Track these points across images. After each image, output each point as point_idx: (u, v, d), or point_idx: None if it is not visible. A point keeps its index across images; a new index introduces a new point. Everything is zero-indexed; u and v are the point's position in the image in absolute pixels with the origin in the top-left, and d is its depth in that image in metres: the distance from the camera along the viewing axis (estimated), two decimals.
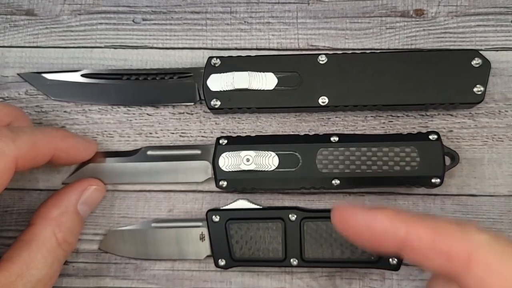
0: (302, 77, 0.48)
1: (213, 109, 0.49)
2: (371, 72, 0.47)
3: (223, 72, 0.48)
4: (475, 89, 0.47)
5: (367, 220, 0.32)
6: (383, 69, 0.47)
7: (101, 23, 0.53)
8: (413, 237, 0.30)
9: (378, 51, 0.50)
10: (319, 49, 0.51)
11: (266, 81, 0.48)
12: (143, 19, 0.52)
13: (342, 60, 0.48)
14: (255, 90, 0.48)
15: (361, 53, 0.49)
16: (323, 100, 0.48)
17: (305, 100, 0.48)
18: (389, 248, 0.32)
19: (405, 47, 0.51)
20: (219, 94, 0.48)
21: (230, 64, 0.49)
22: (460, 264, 0.28)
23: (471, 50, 0.47)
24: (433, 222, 0.31)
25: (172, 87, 0.50)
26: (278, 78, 0.48)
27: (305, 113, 0.50)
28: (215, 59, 0.49)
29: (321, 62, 0.48)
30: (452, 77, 0.47)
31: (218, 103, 0.48)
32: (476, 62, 0.47)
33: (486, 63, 0.47)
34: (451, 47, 0.50)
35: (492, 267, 0.28)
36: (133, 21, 0.53)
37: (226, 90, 0.48)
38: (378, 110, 0.50)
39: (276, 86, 0.48)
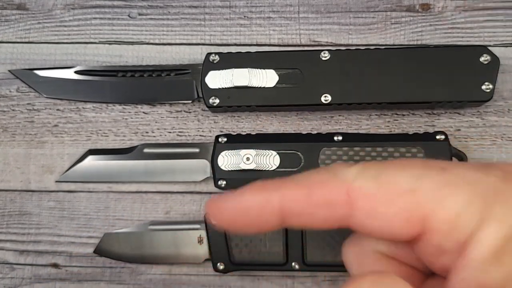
0: (304, 74, 0.46)
1: (211, 107, 0.47)
2: (375, 69, 0.46)
3: (222, 69, 0.47)
4: (483, 87, 0.45)
5: (239, 202, 0.27)
6: (388, 66, 0.46)
7: (95, 18, 0.51)
8: (289, 200, 0.26)
9: (383, 47, 0.49)
10: (321, 45, 0.50)
11: (267, 78, 0.47)
12: (139, 14, 0.51)
13: (345, 57, 0.47)
14: (255, 87, 0.47)
15: (365, 49, 0.47)
16: (326, 98, 0.46)
17: (307, 98, 0.46)
18: (272, 224, 0.26)
19: (411, 43, 0.49)
20: (218, 92, 0.47)
21: (230, 61, 0.47)
22: (344, 206, 0.25)
23: (480, 46, 0.46)
24: (303, 178, 0.26)
25: (169, 84, 0.48)
26: (279, 75, 0.47)
27: (307, 111, 0.49)
28: (213, 55, 0.47)
29: (323, 58, 0.47)
30: (460, 74, 0.45)
31: (217, 101, 0.47)
32: (484, 58, 0.45)
33: (495, 60, 0.45)
34: (459, 43, 0.49)
35: (370, 194, 0.25)
36: (128, 16, 0.51)
37: (225, 88, 0.47)
38: (383, 109, 0.48)
39: (277, 83, 0.46)
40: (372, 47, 0.48)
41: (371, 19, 0.50)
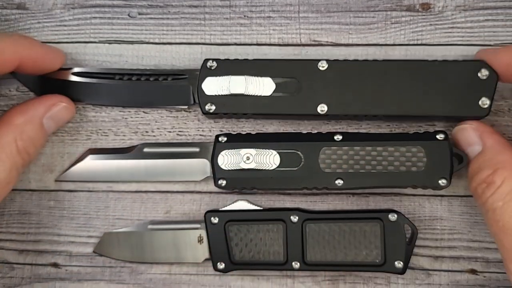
0: (301, 83, 0.46)
1: (207, 114, 0.47)
2: (373, 81, 0.46)
3: (219, 76, 0.46)
4: (480, 102, 0.45)
5: None
6: (386, 78, 0.45)
7: (95, 17, 0.51)
8: None
9: (383, 46, 0.49)
10: (321, 45, 0.49)
11: (264, 86, 0.46)
12: (139, 13, 0.51)
13: (343, 67, 0.46)
14: (251, 95, 0.46)
15: (363, 60, 0.46)
16: (322, 108, 0.46)
17: (304, 107, 0.46)
18: None
19: (411, 42, 0.49)
20: (214, 98, 0.46)
21: (227, 68, 0.47)
22: None
23: (478, 61, 0.45)
24: None
25: (166, 89, 0.48)
26: (276, 83, 0.46)
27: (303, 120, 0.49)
28: (211, 61, 0.47)
29: (321, 68, 0.46)
30: (457, 89, 0.45)
31: (213, 107, 0.47)
32: (483, 73, 0.45)
33: (493, 75, 0.45)
34: (459, 43, 0.49)
35: None
36: (128, 15, 0.51)
37: (222, 95, 0.46)
38: (379, 121, 0.48)
39: (273, 92, 0.46)
40: (372, 47, 0.49)
41: (371, 19, 0.50)
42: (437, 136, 0.45)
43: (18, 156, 0.43)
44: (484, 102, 0.45)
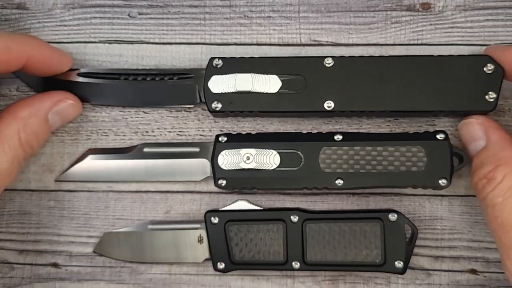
0: (307, 81, 0.46)
1: (214, 112, 0.47)
2: (379, 77, 0.46)
3: (225, 74, 0.47)
4: (487, 97, 0.45)
5: None
6: (392, 74, 0.46)
7: (95, 17, 0.51)
8: None
9: (383, 46, 0.49)
10: (322, 45, 0.49)
11: (270, 83, 0.46)
12: (139, 13, 0.51)
13: (349, 64, 0.46)
14: (258, 93, 0.46)
15: (369, 56, 0.47)
16: (329, 105, 0.46)
17: (310, 104, 0.46)
18: None
19: (411, 42, 0.49)
20: (220, 97, 0.46)
21: (233, 66, 0.47)
22: None
23: (484, 56, 0.45)
24: None
25: (172, 88, 0.48)
26: (282, 81, 0.46)
27: (310, 117, 0.49)
28: (217, 60, 0.47)
29: (327, 65, 0.46)
30: (464, 84, 0.45)
31: (219, 105, 0.47)
32: (488, 68, 0.45)
33: (499, 69, 0.45)
34: (459, 43, 0.49)
35: None
36: (128, 15, 0.51)
37: (228, 93, 0.46)
38: (386, 117, 0.48)
39: (280, 89, 0.46)
40: (372, 47, 0.48)
41: (371, 19, 0.50)
42: (437, 136, 0.45)
43: (20, 149, 0.43)
44: (491, 96, 0.45)
